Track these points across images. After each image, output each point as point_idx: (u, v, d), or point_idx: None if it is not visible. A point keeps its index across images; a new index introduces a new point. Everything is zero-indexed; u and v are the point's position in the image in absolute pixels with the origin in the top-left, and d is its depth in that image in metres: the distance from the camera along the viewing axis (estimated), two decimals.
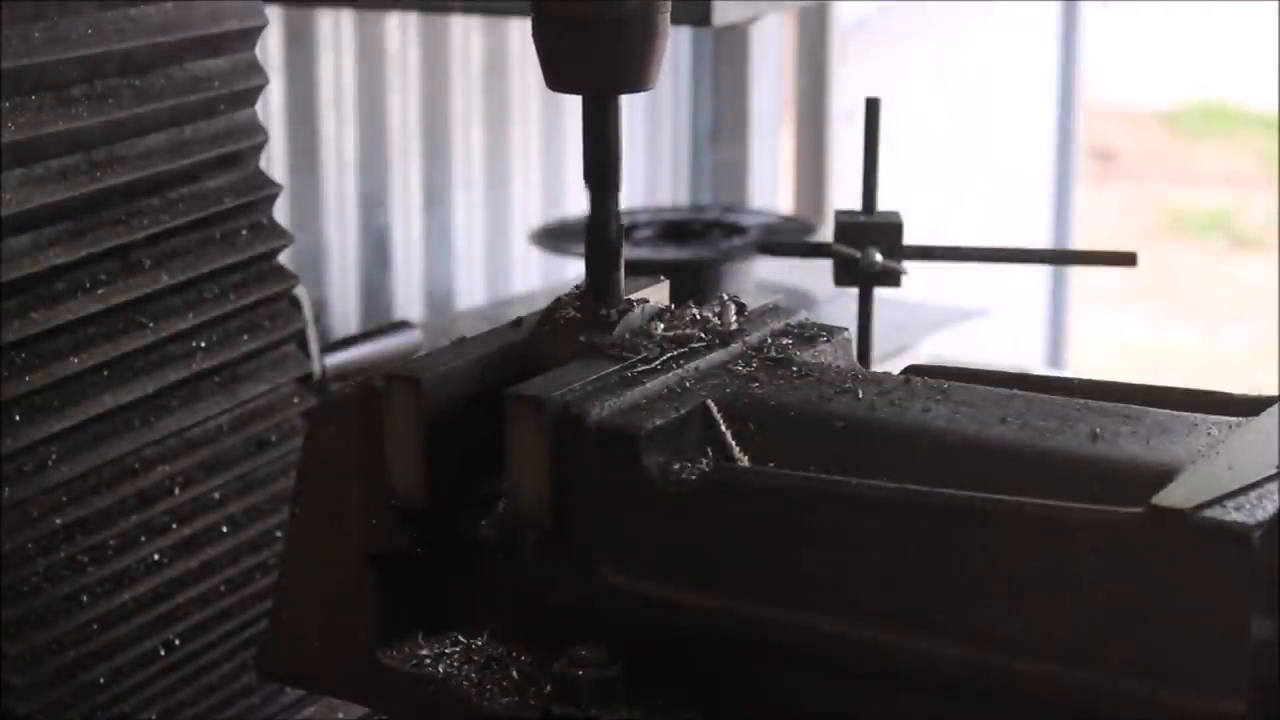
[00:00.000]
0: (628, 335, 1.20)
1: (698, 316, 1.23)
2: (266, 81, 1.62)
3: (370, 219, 3.12)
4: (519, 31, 3.27)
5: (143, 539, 1.49)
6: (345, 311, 3.08)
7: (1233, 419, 1.11)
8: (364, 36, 3.04)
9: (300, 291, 1.66)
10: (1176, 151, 8.95)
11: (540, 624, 1.15)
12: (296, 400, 1.64)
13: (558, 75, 1.20)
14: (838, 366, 1.25)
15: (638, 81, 1.19)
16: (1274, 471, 0.99)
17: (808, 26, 3.99)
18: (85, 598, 1.44)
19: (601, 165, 1.22)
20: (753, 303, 1.29)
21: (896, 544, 1.03)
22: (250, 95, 1.60)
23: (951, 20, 4.62)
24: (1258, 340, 6.52)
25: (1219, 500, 0.95)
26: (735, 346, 1.22)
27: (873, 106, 1.70)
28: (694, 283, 2.76)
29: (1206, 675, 0.94)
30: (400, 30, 3.11)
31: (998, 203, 4.83)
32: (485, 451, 1.14)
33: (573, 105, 1.22)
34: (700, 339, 1.21)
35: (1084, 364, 5.24)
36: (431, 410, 1.14)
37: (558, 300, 1.24)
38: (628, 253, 1.25)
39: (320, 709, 1.66)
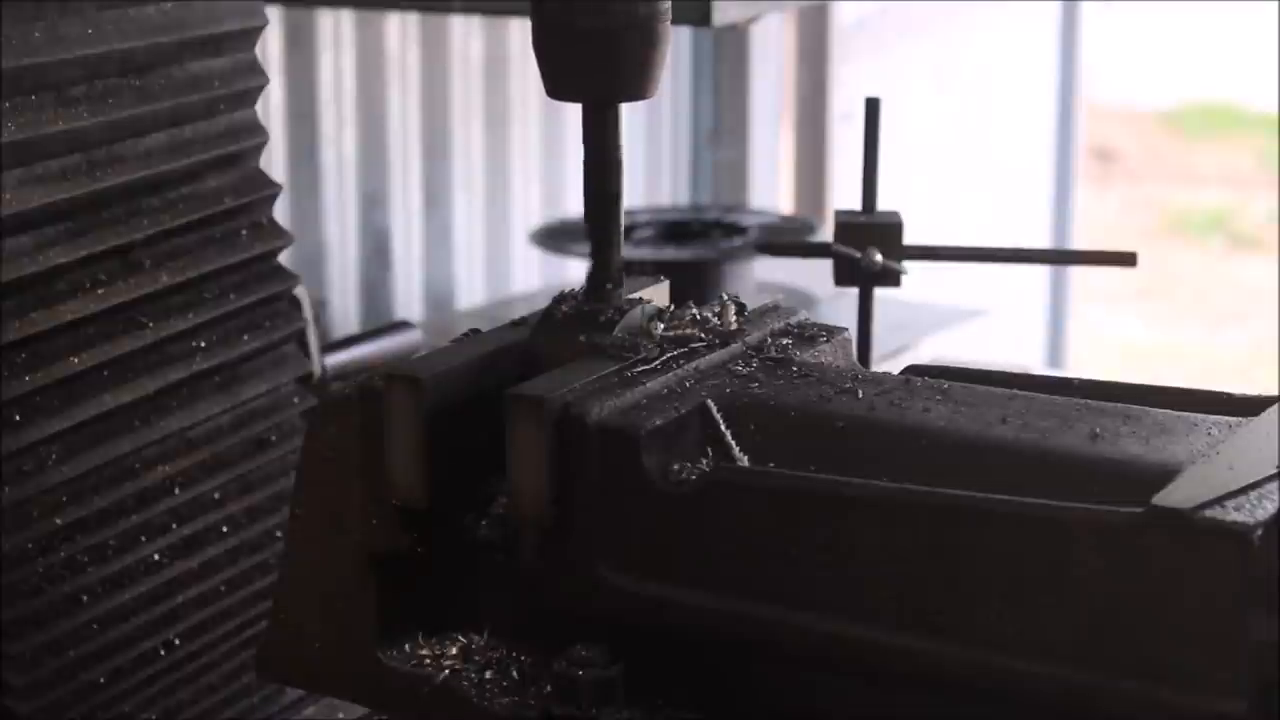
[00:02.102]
0: (628, 335, 1.20)
1: (698, 316, 1.23)
2: (266, 81, 1.62)
3: (370, 219, 3.12)
4: (519, 31, 3.28)
5: (143, 539, 1.49)
6: (345, 311, 3.08)
7: (1233, 419, 1.11)
8: (364, 36, 3.04)
9: (300, 291, 1.66)
10: (1176, 151, 8.95)
11: (540, 624, 1.15)
12: (296, 400, 1.64)
13: (558, 84, 1.20)
14: (838, 366, 1.25)
15: (637, 90, 1.19)
16: (1274, 471, 0.99)
17: (808, 26, 3.99)
18: (85, 598, 1.44)
19: (601, 173, 1.22)
20: (753, 303, 1.29)
21: (896, 544, 1.03)
22: (250, 95, 1.60)
23: (951, 20, 4.62)
24: (1258, 340, 6.52)
25: (1219, 500, 0.95)
26: (735, 346, 1.22)
27: (873, 106, 1.70)
28: (694, 283, 2.76)
29: (1205, 675, 0.94)
30: (400, 30, 3.11)
31: (998, 203, 4.83)
32: (485, 451, 1.14)
33: (573, 105, 1.22)
34: (700, 339, 1.21)
35: (1084, 364, 5.24)
36: (431, 410, 1.15)
37: (557, 299, 1.24)
38: (628, 253, 1.25)
39: (320, 709, 1.66)
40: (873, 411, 1.14)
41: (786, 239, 2.97)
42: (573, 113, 1.23)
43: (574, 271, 3.25)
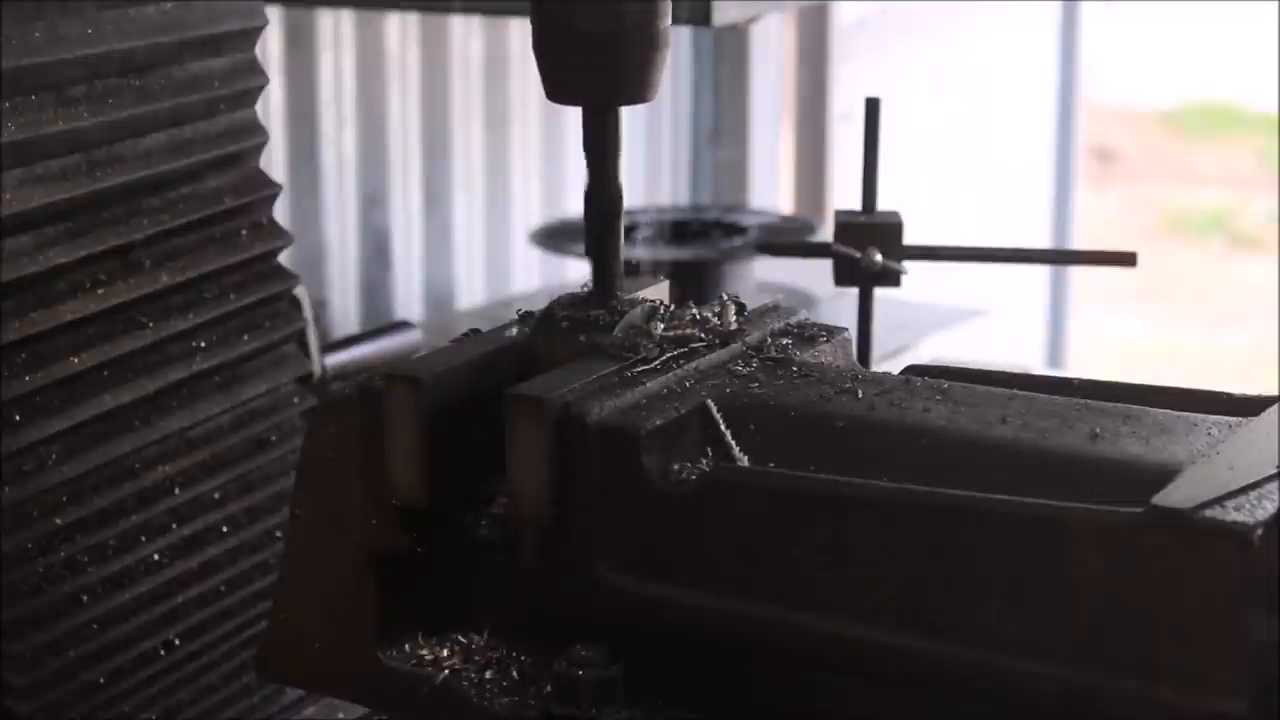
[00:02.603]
0: (628, 335, 1.20)
1: (698, 316, 1.23)
2: (266, 81, 1.62)
3: (370, 219, 3.12)
4: (519, 31, 3.27)
5: (143, 539, 1.49)
6: (345, 311, 3.08)
7: (1233, 419, 1.11)
8: (364, 36, 3.04)
9: (300, 291, 1.66)
10: (1176, 151, 8.95)
11: (540, 624, 1.15)
12: (296, 400, 1.64)
13: (558, 87, 1.20)
14: (838, 366, 1.25)
15: (637, 94, 1.19)
16: (1274, 471, 0.99)
17: (808, 26, 3.99)
18: (85, 598, 1.44)
19: (601, 176, 1.22)
20: (753, 303, 1.29)
21: (896, 544, 1.03)
22: (250, 95, 1.60)
23: (951, 20, 4.62)
24: (1258, 340, 6.52)
25: (1219, 500, 0.95)
26: (735, 346, 1.22)
27: (873, 106, 1.70)
28: (694, 283, 2.76)
29: (1205, 675, 0.94)
30: (400, 30, 3.11)
31: (998, 203, 4.83)
32: (485, 451, 1.14)
33: (574, 106, 1.22)
34: (700, 339, 1.21)
35: (1084, 364, 5.24)
36: (431, 410, 1.15)
37: (557, 300, 1.24)
38: (628, 253, 1.25)
39: (320, 709, 1.66)
40: (873, 411, 1.14)
41: (786, 239, 2.97)
42: (573, 113, 1.23)
43: (574, 271, 3.25)
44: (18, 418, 1.39)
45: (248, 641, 1.58)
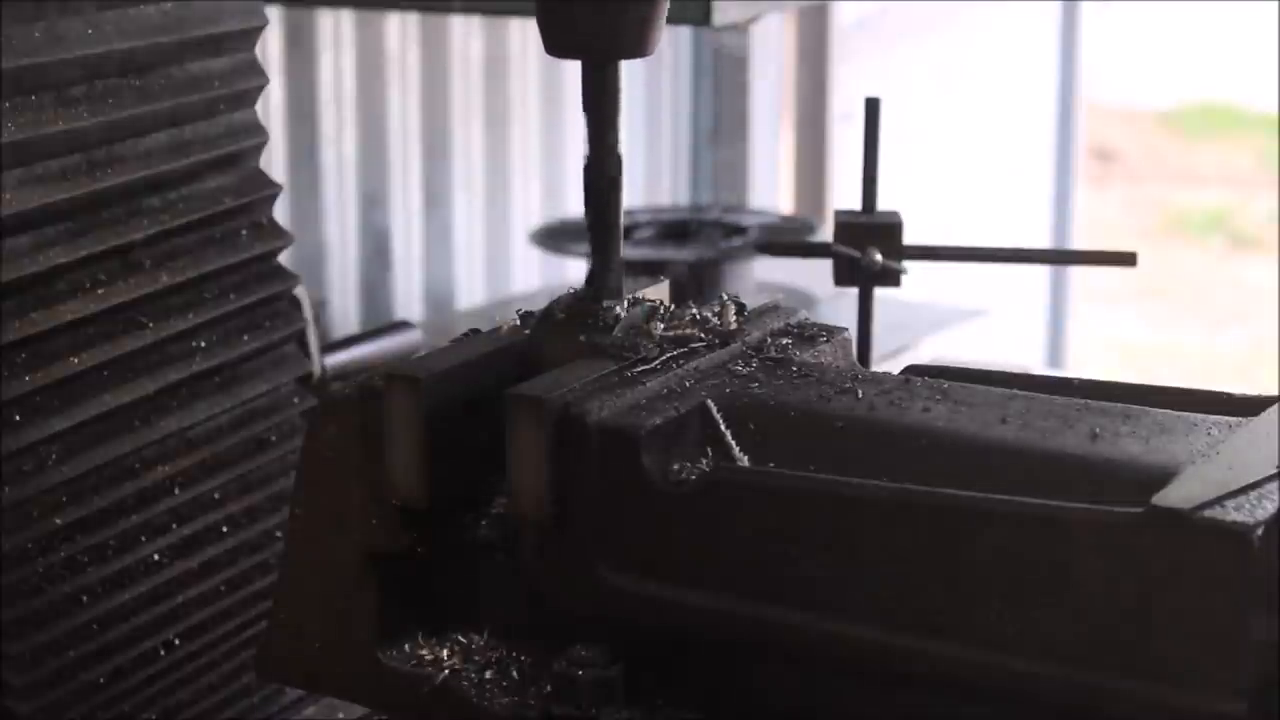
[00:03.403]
0: (627, 335, 1.20)
1: (698, 316, 1.23)
2: (266, 81, 1.61)
3: (370, 219, 3.12)
4: (519, 31, 3.28)
5: (143, 539, 1.49)
6: (345, 311, 3.08)
7: (1233, 419, 1.11)
8: (364, 36, 3.04)
9: (300, 291, 1.66)
10: (1176, 151, 8.95)
11: (540, 624, 1.15)
12: (296, 400, 1.64)
13: (557, 40, 1.19)
14: (838, 366, 1.25)
15: (637, 47, 1.18)
16: (1274, 471, 0.99)
17: (808, 26, 3.99)
18: (85, 598, 1.44)
19: (600, 135, 1.21)
20: (753, 303, 1.29)
21: (896, 544, 1.03)
22: (250, 95, 1.60)
23: (951, 20, 4.62)
24: (1258, 340, 6.53)
25: (1219, 500, 0.95)
26: (735, 346, 1.22)
27: (873, 106, 1.70)
28: (694, 283, 2.77)
29: (1205, 675, 0.94)
30: (400, 30, 3.11)
31: (998, 203, 4.83)
32: (485, 451, 1.14)
33: (573, 104, 1.22)
34: (700, 339, 1.21)
35: (1084, 364, 5.24)
36: (431, 410, 1.15)
37: (557, 300, 1.24)
38: (628, 253, 1.25)
39: (320, 709, 1.66)
40: (873, 411, 1.14)
41: (786, 239, 2.98)
42: (573, 113, 1.23)
43: (574, 271, 3.25)
44: (18, 418, 1.39)
45: (248, 641, 1.58)
